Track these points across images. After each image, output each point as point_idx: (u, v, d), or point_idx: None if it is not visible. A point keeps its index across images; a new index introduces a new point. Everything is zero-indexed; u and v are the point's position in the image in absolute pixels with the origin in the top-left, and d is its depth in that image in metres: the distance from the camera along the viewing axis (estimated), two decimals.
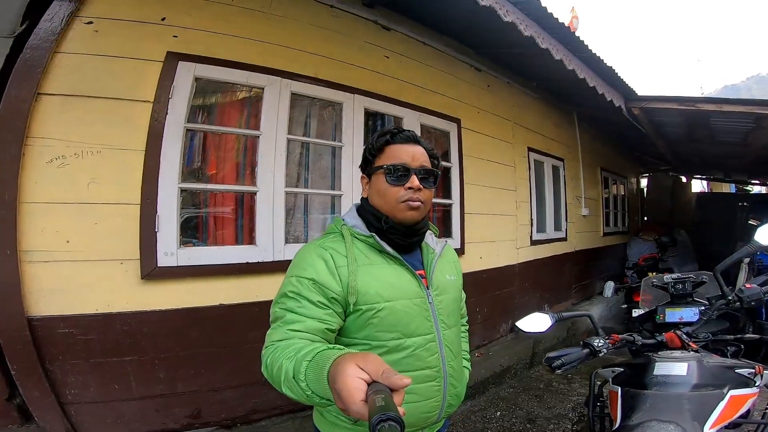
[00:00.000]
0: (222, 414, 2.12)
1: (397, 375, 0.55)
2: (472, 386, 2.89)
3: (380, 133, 1.03)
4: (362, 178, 1.07)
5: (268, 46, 2.26)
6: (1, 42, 1.93)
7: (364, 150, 1.06)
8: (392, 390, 0.54)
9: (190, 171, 2.15)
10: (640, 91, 4.07)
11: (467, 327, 1.24)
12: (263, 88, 2.23)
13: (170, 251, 1.91)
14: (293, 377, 0.69)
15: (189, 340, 2.00)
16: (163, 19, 1.99)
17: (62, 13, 1.81)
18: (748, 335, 1.53)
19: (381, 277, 0.94)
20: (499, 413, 2.71)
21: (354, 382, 0.55)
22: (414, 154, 0.99)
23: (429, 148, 1.05)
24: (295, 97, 2.37)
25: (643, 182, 9.18)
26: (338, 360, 0.61)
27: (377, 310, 0.91)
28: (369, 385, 0.55)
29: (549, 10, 2.49)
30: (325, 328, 0.86)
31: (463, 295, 1.20)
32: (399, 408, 0.50)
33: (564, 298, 4.95)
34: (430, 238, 1.10)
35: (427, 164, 1.01)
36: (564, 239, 4.98)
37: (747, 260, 4.07)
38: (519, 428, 2.53)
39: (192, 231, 2.15)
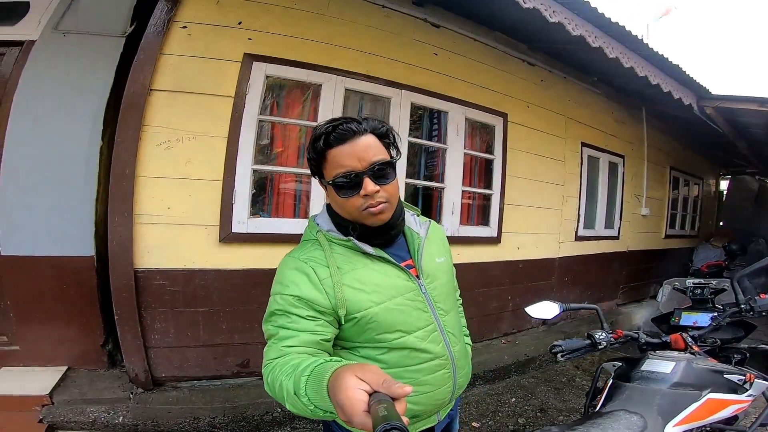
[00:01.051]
0: None
1: (397, 384, 0.55)
2: (492, 370, 3.02)
3: (314, 138, 0.90)
4: (319, 181, 0.97)
5: (326, 47, 2.51)
6: (116, 41, 2.38)
7: (306, 158, 0.95)
8: (394, 399, 0.54)
9: (260, 154, 2.50)
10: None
11: (461, 301, 1.21)
12: (321, 85, 2.51)
13: (242, 220, 2.31)
14: (294, 393, 0.69)
15: (249, 297, 2.36)
16: (239, 23, 2.30)
17: (163, 18, 2.14)
18: (762, 345, 1.53)
19: (368, 281, 0.90)
20: (514, 399, 2.79)
21: (355, 393, 0.55)
22: (359, 153, 0.86)
23: (375, 126, 0.90)
24: (348, 93, 2.62)
25: (724, 185, 8.28)
26: (337, 372, 0.61)
27: (371, 316, 0.88)
28: (370, 395, 0.55)
29: (600, 10, 2.45)
30: (320, 339, 0.85)
31: (454, 270, 1.13)
32: (402, 417, 0.50)
33: (608, 298, 4.83)
34: (412, 221, 1.04)
35: (380, 155, 0.88)
36: (615, 238, 4.82)
37: None
38: (529, 415, 2.60)
39: (259, 204, 2.52)
